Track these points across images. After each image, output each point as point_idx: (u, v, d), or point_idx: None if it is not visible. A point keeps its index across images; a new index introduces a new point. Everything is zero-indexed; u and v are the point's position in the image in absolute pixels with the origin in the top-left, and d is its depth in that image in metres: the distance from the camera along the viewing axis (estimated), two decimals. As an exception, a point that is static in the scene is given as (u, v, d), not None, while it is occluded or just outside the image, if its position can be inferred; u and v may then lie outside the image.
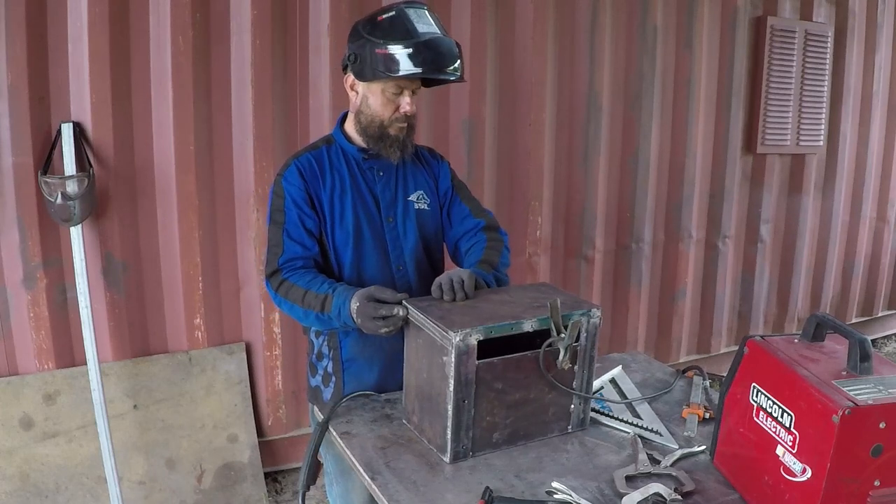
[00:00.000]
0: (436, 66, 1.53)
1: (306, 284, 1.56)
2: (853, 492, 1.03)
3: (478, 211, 1.81)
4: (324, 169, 1.67)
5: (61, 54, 2.35)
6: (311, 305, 1.54)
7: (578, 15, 3.26)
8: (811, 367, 1.11)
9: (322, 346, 1.75)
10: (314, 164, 1.66)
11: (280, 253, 1.62)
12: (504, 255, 1.74)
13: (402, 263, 1.71)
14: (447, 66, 1.54)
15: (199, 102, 2.57)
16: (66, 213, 2.33)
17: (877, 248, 4.75)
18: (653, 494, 1.18)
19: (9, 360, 2.45)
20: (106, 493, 2.46)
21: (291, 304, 1.58)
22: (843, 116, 4.28)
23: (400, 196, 1.72)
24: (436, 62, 1.53)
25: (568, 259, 3.48)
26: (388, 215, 1.70)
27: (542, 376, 1.38)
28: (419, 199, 1.74)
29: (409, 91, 1.60)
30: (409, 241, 1.71)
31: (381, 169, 1.70)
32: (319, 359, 1.77)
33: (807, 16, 4.00)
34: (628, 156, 3.56)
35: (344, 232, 1.66)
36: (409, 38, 1.51)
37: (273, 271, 1.62)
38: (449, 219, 1.80)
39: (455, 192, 1.81)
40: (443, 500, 1.21)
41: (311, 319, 1.57)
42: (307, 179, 1.64)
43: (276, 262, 1.62)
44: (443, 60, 1.53)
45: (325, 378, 1.78)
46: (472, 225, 1.78)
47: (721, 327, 4.09)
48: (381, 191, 1.70)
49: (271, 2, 2.61)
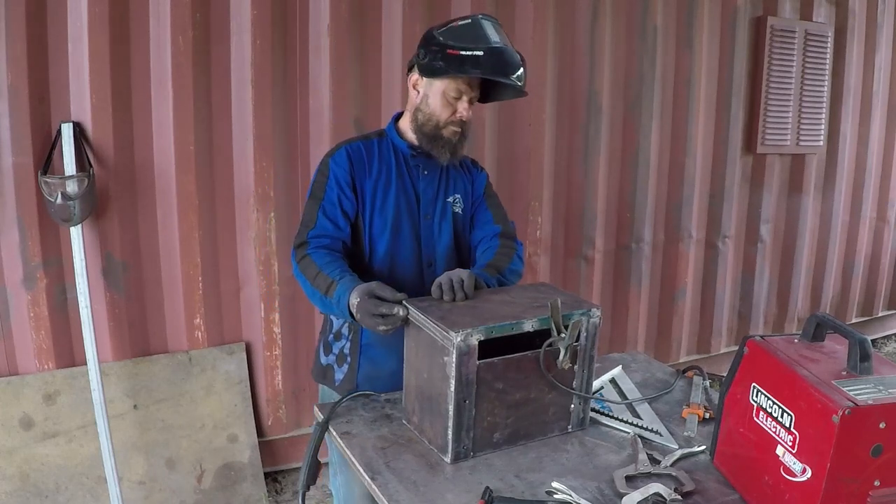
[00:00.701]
0: (502, 71, 1.60)
1: (322, 264, 1.59)
2: (853, 492, 1.03)
3: (499, 218, 1.85)
4: (372, 158, 1.73)
5: (61, 54, 2.35)
6: (318, 286, 1.56)
7: (578, 15, 3.26)
8: (811, 367, 1.11)
9: (343, 326, 1.77)
10: (363, 151, 1.72)
11: (312, 227, 1.66)
12: (514, 263, 1.76)
13: (433, 260, 1.76)
14: (512, 73, 1.61)
15: (199, 102, 2.57)
16: (66, 213, 2.33)
17: (877, 248, 4.75)
18: (653, 494, 1.18)
19: (9, 360, 2.45)
20: (106, 493, 2.46)
21: (305, 279, 1.61)
22: (843, 116, 4.28)
23: (440, 196, 1.77)
24: (502, 68, 1.60)
25: (568, 259, 3.48)
26: (426, 212, 1.75)
27: (543, 376, 1.38)
28: (456, 202, 1.80)
29: (468, 98, 1.68)
30: (442, 239, 1.77)
31: (426, 168, 1.76)
32: (337, 338, 1.78)
33: (807, 16, 4.00)
34: (628, 156, 3.56)
35: (382, 221, 1.71)
36: (481, 44, 1.60)
37: (301, 243, 1.66)
38: (472, 222, 1.85)
39: (484, 199, 1.86)
40: (443, 500, 1.21)
41: (317, 300, 1.59)
42: (354, 164, 1.70)
43: (305, 235, 1.66)
44: (509, 68, 1.61)
45: (340, 358, 1.77)
46: (490, 231, 1.82)
47: (721, 327, 4.09)
48: (423, 188, 1.75)
49: (271, 2, 2.61)
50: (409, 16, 2.84)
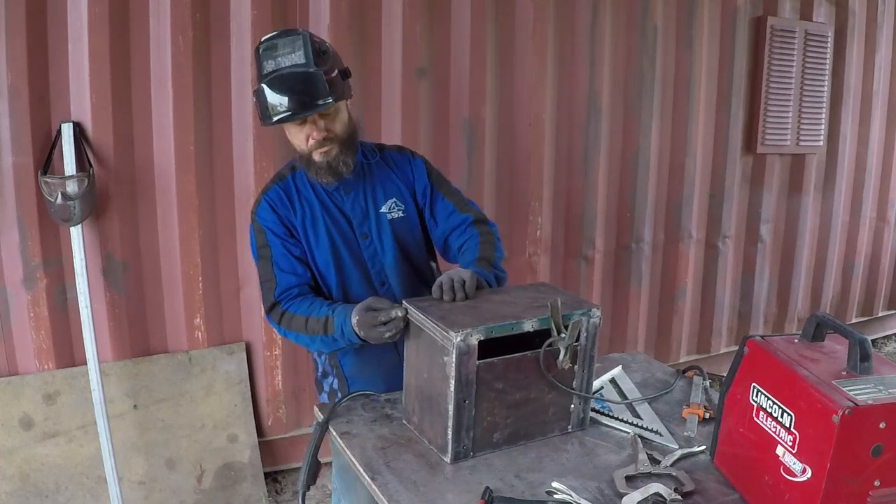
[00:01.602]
0: (300, 106, 1.50)
1: (306, 311, 1.59)
2: (853, 492, 1.03)
3: (462, 206, 1.79)
4: (292, 198, 1.69)
5: (61, 54, 2.35)
6: (314, 331, 1.57)
7: (578, 15, 3.26)
8: (811, 367, 1.11)
9: (325, 364, 1.79)
10: (283, 194, 1.69)
11: (274, 287, 1.65)
12: (498, 248, 1.74)
13: (384, 278, 1.73)
14: (308, 104, 1.50)
15: (199, 102, 2.57)
16: (66, 213, 2.33)
17: (877, 248, 4.75)
18: (653, 494, 1.18)
19: (9, 360, 2.45)
20: (106, 493, 2.46)
21: (296, 333, 1.61)
22: (843, 116, 4.27)
23: (371, 210, 1.72)
24: (299, 105, 1.49)
25: (568, 259, 3.48)
26: (361, 232, 1.71)
27: (543, 376, 1.38)
28: (392, 208, 1.73)
29: (309, 123, 1.57)
30: (387, 255, 1.72)
31: (345, 188, 1.70)
32: (325, 376, 1.81)
33: (807, 16, 4.00)
34: (628, 156, 3.55)
35: (323, 256, 1.68)
36: (272, 75, 1.50)
37: (271, 305, 1.65)
38: (433, 217, 1.79)
39: (435, 189, 1.79)
40: (443, 500, 1.21)
41: (318, 344, 1.60)
42: (278, 210, 1.67)
43: (272, 296, 1.65)
44: (304, 98, 1.49)
45: (332, 395, 1.81)
46: (460, 220, 1.77)
47: (721, 327, 4.09)
48: (350, 209, 1.70)
49: (271, 2, 2.61)
50: (409, 16, 2.84)
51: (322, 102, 1.52)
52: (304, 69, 1.50)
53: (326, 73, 1.52)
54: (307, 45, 1.51)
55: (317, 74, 1.50)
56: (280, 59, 1.51)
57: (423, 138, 2.93)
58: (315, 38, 1.55)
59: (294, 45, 1.51)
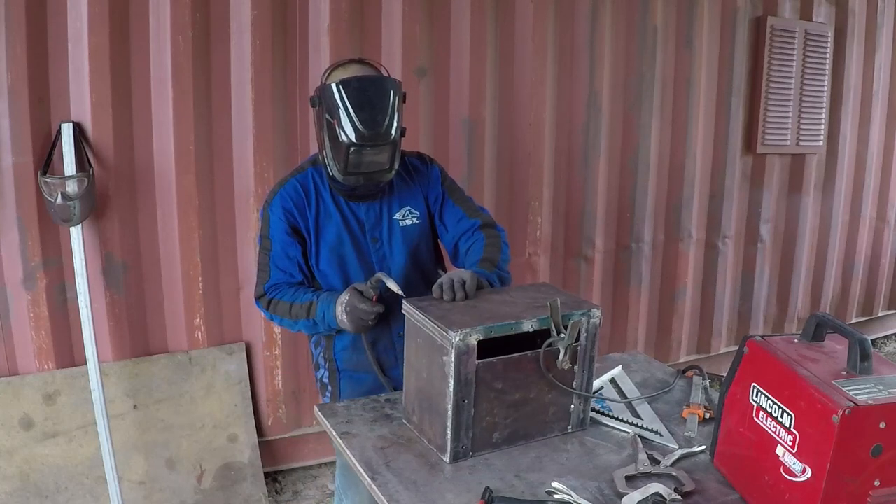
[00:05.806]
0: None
1: (290, 298, 1.68)
2: (853, 492, 1.03)
3: (472, 211, 1.82)
4: (309, 193, 1.72)
5: (61, 54, 2.35)
6: (297, 315, 1.65)
7: (578, 15, 3.26)
8: (811, 367, 1.11)
9: (318, 356, 1.80)
10: (300, 189, 1.71)
11: (267, 279, 1.73)
12: (504, 251, 1.76)
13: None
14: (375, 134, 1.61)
15: (199, 102, 2.57)
16: (66, 213, 2.33)
17: (877, 248, 4.75)
18: (653, 494, 1.18)
19: (9, 360, 2.45)
20: (106, 493, 2.46)
21: (281, 317, 1.70)
22: (843, 116, 4.27)
23: (384, 216, 1.74)
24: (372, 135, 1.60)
25: (568, 259, 3.48)
26: (373, 236, 1.73)
27: (543, 376, 1.38)
28: (405, 215, 1.76)
29: None
30: (396, 260, 1.75)
31: None
32: (316, 369, 1.84)
33: (807, 16, 4.00)
34: (628, 156, 3.55)
35: (328, 254, 1.72)
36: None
37: (261, 294, 1.74)
38: (443, 223, 1.82)
39: (447, 195, 1.82)
40: (443, 500, 1.21)
41: (300, 326, 1.68)
42: (293, 207, 1.70)
43: (262, 287, 1.74)
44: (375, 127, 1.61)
45: (322, 388, 1.82)
46: (469, 226, 1.80)
47: (721, 327, 4.09)
48: (364, 213, 1.73)
49: (271, 2, 2.61)
50: (409, 16, 2.84)
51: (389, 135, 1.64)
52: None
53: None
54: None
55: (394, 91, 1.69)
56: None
57: (423, 138, 2.93)
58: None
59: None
